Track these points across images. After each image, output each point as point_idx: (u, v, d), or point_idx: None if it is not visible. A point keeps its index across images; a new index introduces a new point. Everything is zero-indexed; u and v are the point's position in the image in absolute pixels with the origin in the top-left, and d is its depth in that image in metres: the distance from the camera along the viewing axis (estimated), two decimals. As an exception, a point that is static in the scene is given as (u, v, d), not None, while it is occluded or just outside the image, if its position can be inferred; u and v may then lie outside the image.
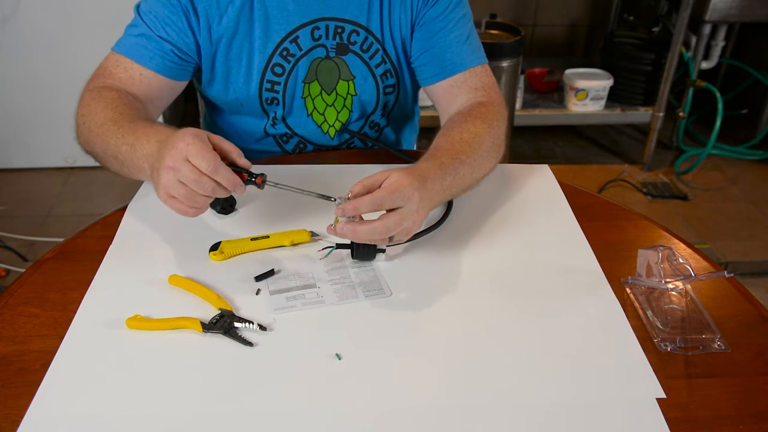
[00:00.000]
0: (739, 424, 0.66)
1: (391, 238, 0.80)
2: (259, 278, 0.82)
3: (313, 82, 1.09)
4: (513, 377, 0.70)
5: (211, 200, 0.78)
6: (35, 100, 2.46)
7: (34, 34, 2.34)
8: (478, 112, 1.00)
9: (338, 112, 1.13)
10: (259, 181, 0.79)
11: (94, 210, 2.38)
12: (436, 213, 0.95)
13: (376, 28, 1.07)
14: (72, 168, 2.62)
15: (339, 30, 1.06)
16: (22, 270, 1.88)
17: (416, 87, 1.18)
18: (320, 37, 1.06)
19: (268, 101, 1.09)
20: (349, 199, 0.79)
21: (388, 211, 0.78)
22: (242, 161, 0.80)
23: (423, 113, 1.44)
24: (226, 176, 0.76)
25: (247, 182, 0.79)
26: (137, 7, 1.01)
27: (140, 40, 0.99)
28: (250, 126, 1.14)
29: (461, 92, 1.06)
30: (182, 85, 1.05)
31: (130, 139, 0.85)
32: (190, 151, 0.74)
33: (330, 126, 1.14)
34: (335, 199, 0.80)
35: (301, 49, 1.06)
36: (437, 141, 0.94)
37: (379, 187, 0.79)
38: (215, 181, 0.75)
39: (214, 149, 0.76)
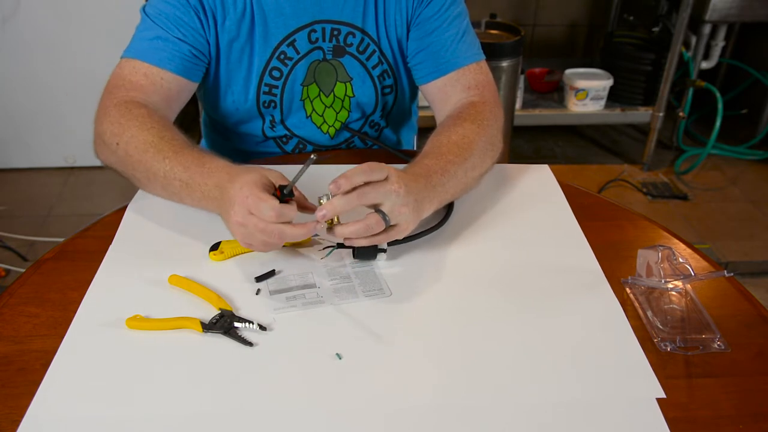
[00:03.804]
0: (739, 424, 0.66)
1: (386, 219, 0.79)
2: (259, 279, 0.82)
3: (312, 85, 1.09)
4: (513, 377, 0.70)
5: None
6: (35, 100, 2.46)
7: (34, 34, 2.34)
8: (467, 114, 0.99)
9: (337, 113, 1.13)
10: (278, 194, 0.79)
11: (94, 210, 2.38)
12: (437, 213, 0.94)
13: (371, 29, 1.07)
14: (72, 168, 2.62)
15: (335, 32, 1.06)
16: (22, 270, 1.88)
17: (414, 87, 1.18)
18: (317, 39, 1.06)
19: (266, 104, 1.09)
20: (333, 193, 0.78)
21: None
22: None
23: (422, 113, 1.44)
24: (291, 217, 0.77)
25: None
26: (144, 10, 1.00)
27: (156, 43, 0.97)
28: (248, 128, 1.14)
29: (455, 91, 1.06)
30: (195, 86, 1.04)
31: (184, 176, 0.84)
32: (250, 204, 0.76)
33: (329, 126, 1.14)
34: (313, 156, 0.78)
35: (298, 53, 1.06)
36: (425, 146, 0.94)
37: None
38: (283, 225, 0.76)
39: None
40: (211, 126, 1.22)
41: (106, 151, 0.92)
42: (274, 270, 0.84)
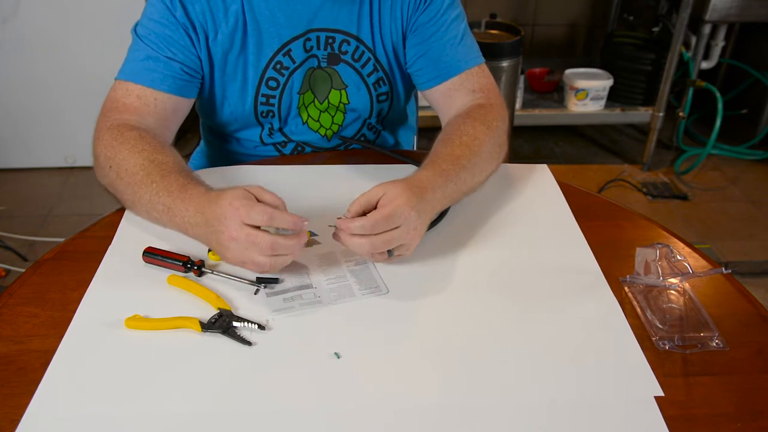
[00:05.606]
0: (737, 421, 0.66)
1: (390, 252, 0.80)
2: (261, 280, 0.82)
3: (307, 92, 1.09)
4: (512, 376, 0.70)
5: (289, 253, 0.77)
6: (35, 100, 2.46)
7: (34, 34, 2.34)
8: (477, 114, 0.99)
9: (332, 117, 1.13)
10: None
11: (94, 210, 2.38)
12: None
13: (366, 37, 1.06)
14: (72, 168, 2.63)
15: (330, 40, 1.05)
16: (22, 270, 1.88)
17: (409, 90, 1.18)
18: (312, 48, 1.05)
19: (263, 114, 1.09)
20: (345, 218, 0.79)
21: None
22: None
23: (422, 113, 1.44)
24: (285, 219, 0.75)
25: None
26: (134, 30, 0.99)
27: (148, 63, 0.96)
28: (246, 135, 1.14)
29: (459, 95, 1.05)
30: (192, 102, 1.04)
31: (167, 201, 0.82)
32: (241, 214, 0.74)
33: (327, 129, 1.14)
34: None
35: (294, 62, 1.05)
36: (437, 147, 0.94)
37: (376, 205, 0.79)
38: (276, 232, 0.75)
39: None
40: (210, 131, 1.22)
41: (101, 173, 0.92)
42: (278, 278, 0.83)
